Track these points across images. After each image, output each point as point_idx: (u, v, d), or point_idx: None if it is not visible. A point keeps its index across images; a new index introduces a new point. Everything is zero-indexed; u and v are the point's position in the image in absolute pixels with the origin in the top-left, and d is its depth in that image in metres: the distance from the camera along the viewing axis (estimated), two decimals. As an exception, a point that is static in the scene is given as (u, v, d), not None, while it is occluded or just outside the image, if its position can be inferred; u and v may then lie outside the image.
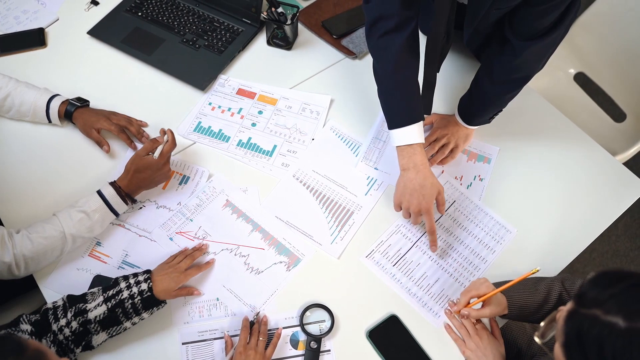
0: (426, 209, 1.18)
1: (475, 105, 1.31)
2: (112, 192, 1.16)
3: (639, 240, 2.22)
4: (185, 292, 1.14)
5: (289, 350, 1.12)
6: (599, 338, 0.66)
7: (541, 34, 1.09)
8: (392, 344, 1.14)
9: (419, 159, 1.19)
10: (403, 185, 1.20)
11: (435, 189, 1.19)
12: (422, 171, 1.18)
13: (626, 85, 1.73)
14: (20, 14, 1.56)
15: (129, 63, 1.49)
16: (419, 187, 1.18)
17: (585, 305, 0.70)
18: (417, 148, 1.19)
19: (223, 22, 1.55)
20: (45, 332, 0.98)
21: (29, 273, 1.13)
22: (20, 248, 1.07)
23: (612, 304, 0.67)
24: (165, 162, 1.21)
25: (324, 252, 1.23)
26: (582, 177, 1.37)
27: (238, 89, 1.46)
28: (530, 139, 1.42)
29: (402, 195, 1.20)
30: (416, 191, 1.18)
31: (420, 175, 1.18)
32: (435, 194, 1.19)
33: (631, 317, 0.65)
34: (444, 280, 1.22)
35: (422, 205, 1.18)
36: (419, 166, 1.18)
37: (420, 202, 1.18)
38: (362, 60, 1.53)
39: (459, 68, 1.52)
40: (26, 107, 1.31)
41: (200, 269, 1.17)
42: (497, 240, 1.27)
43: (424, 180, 1.18)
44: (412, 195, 1.18)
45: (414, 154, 1.19)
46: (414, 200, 1.18)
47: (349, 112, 1.43)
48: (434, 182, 1.19)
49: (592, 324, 0.67)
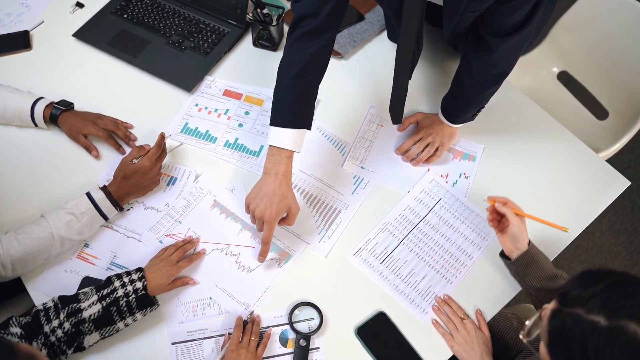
0: (269, 218, 1.12)
1: (457, 104, 1.32)
2: (101, 195, 1.16)
3: (623, 236, 2.26)
4: (180, 283, 1.15)
5: (278, 349, 1.13)
6: (582, 337, 0.68)
7: (514, 29, 1.11)
8: (380, 340, 1.15)
9: (283, 168, 1.14)
10: (258, 187, 1.15)
11: (286, 204, 1.14)
12: (281, 182, 1.13)
13: (608, 83, 1.76)
14: (5, 17, 1.55)
15: (115, 65, 1.49)
16: (271, 195, 1.13)
17: (568, 304, 0.71)
18: (286, 156, 1.14)
19: (209, 24, 1.56)
20: (35, 334, 0.98)
21: (17, 275, 1.13)
22: (7, 249, 1.07)
23: (594, 303, 0.68)
24: (152, 168, 1.21)
25: (312, 251, 1.24)
26: (565, 174, 1.39)
27: (224, 90, 1.47)
28: (515, 137, 1.43)
29: (253, 198, 1.15)
30: (267, 197, 1.13)
31: (277, 184, 1.13)
32: (284, 208, 1.14)
33: (612, 315, 0.66)
34: (431, 277, 1.23)
35: (266, 213, 1.12)
36: (280, 175, 1.13)
37: (266, 209, 1.12)
38: (348, 60, 1.54)
39: (441, 65, 1.53)
40: (10, 113, 1.31)
41: (192, 260, 1.18)
42: (483, 236, 1.28)
43: (278, 189, 1.13)
44: (261, 200, 1.13)
45: (280, 163, 1.14)
46: (261, 205, 1.13)
47: (335, 112, 1.44)
48: (286, 196, 1.14)
49: (575, 323, 0.69)
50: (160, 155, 1.24)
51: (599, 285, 0.70)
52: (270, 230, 1.15)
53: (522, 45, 1.18)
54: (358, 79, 1.50)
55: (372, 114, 1.45)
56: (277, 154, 1.14)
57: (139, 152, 1.21)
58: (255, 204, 1.14)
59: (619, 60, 1.70)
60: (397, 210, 1.31)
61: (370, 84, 1.49)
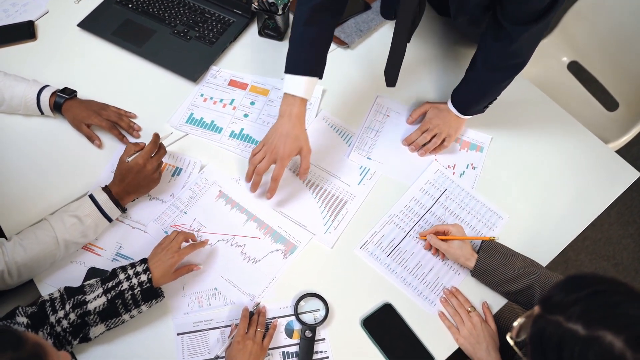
0: (282, 156, 1.18)
1: (470, 93, 1.31)
2: (104, 197, 1.15)
3: (631, 227, 2.24)
4: (185, 271, 1.13)
5: (284, 340, 1.13)
6: (559, 344, 0.67)
7: (536, 17, 1.08)
8: (386, 332, 1.14)
9: (296, 111, 1.20)
10: (273, 129, 1.22)
11: (298, 145, 1.20)
12: (295, 123, 1.19)
13: (619, 74, 1.73)
14: (10, 7, 1.55)
15: (119, 55, 1.48)
16: (285, 135, 1.19)
17: (549, 310, 0.70)
18: (299, 102, 1.20)
19: (214, 13, 1.54)
20: (41, 324, 0.98)
21: (23, 281, 1.12)
22: (12, 255, 1.06)
23: (574, 311, 0.67)
24: (146, 166, 1.18)
25: (318, 242, 1.24)
26: (574, 165, 1.37)
27: (230, 80, 1.46)
28: (523, 127, 1.42)
29: (267, 138, 1.22)
30: (282, 137, 1.19)
31: (290, 125, 1.19)
32: (296, 148, 1.20)
33: (591, 325, 0.65)
34: (439, 268, 1.22)
35: (279, 150, 1.18)
36: (294, 117, 1.19)
37: (279, 147, 1.18)
38: (354, 50, 1.52)
39: (453, 54, 1.52)
40: (17, 101, 1.31)
41: (195, 247, 1.16)
42: (490, 226, 1.27)
43: (292, 130, 1.19)
44: (275, 139, 1.19)
45: (294, 106, 1.20)
46: (274, 142, 1.19)
47: (341, 102, 1.43)
48: (299, 137, 1.20)
49: (554, 329, 0.68)
50: (158, 153, 1.21)
51: (581, 293, 0.69)
52: (281, 169, 1.20)
53: (542, 33, 1.15)
54: (364, 69, 1.49)
55: (378, 104, 1.43)
56: (290, 99, 1.20)
57: (133, 148, 1.19)
58: (269, 143, 1.20)
59: (630, 51, 1.68)
60: (403, 202, 1.30)
61: (377, 74, 1.47)
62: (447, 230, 1.20)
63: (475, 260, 1.16)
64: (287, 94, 1.21)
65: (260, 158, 1.21)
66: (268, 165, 1.20)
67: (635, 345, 0.63)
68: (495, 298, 1.19)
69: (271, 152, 1.19)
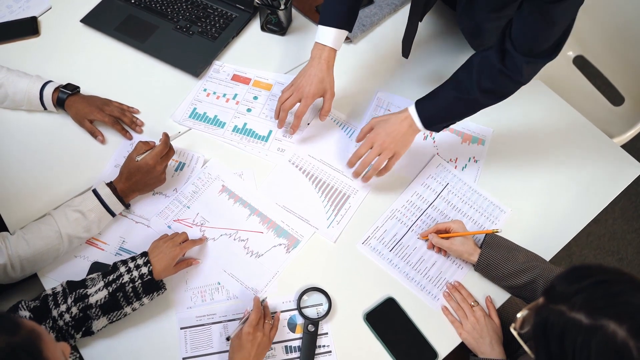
0: (306, 95, 1.25)
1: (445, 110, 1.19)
2: (108, 192, 1.15)
3: (635, 222, 2.22)
4: (185, 265, 1.14)
5: (286, 334, 1.13)
6: (562, 333, 0.67)
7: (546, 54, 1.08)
8: (389, 326, 1.14)
9: (326, 55, 1.26)
10: (303, 71, 1.28)
11: (323, 87, 1.26)
12: (323, 66, 1.26)
13: (625, 69, 1.72)
14: (13, 3, 1.55)
15: (122, 51, 1.49)
16: (312, 76, 1.26)
17: (552, 300, 0.70)
18: (328, 50, 1.27)
19: (216, 8, 1.54)
20: (44, 318, 0.99)
21: (26, 275, 1.12)
22: (15, 249, 1.06)
23: (576, 300, 0.67)
24: (155, 167, 1.17)
25: (321, 236, 1.24)
26: (578, 159, 1.36)
27: (233, 74, 1.46)
28: (527, 121, 1.41)
29: (297, 78, 1.28)
30: (308, 78, 1.26)
31: (319, 67, 1.26)
32: (320, 90, 1.26)
33: (593, 314, 0.65)
34: (442, 262, 1.22)
35: (305, 90, 1.25)
36: (323, 60, 1.26)
37: (305, 86, 1.25)
38: (356, 44, 1.52)
39: (451, 53, 1.51)
40: (20, 96, 1.31)
41: (195, 242, 1.17)
42: (492, 220, 1.27)
43: (319, 72, 1.25)
44: (302, 80, 1.26)
45: (324, 51, 1.26)
46: (302, 82, 1.26)
47: (344, 96, 1.43)
48: (325, 80, 1.26)
49: (557, 319, 0.68)
50: (167, 154, 1.21)
51: (584, 283, 0.69)
52: (305, 107, 1.27)
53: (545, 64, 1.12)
54: (366, 64, 1.48)
55: (379, 99, 1.43)
56: (320, 47, 1.27)
57: (143, 147, 1.19)
58: (297, 83, 1.27)
59: (636, 46, 1.66)
60: (405, 197, 1.29)
61: (379, 69, 1.47)
62: (448, 228, 1.20)
63: (478, 254, 1.16)
64: (317, 43, 1.27)
65: (287, 96, 1.28)
66: (293, 103, 1.28)
67: (638, 334, 0.63)
68: (499, 292, 1.19)
69: (297, 91, 1.26)
